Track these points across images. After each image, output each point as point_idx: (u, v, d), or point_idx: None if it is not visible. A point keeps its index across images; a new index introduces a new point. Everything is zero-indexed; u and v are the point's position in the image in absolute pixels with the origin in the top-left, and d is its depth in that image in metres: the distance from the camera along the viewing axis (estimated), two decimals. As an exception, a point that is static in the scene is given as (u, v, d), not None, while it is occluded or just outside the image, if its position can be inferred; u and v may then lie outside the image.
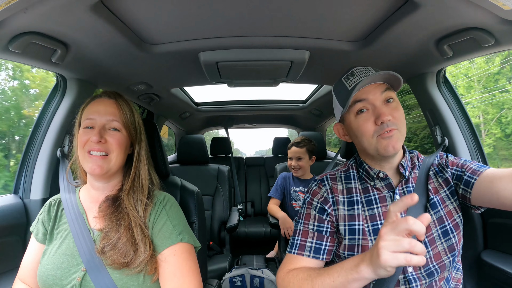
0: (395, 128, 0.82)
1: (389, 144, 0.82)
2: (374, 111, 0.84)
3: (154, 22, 1.06)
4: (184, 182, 1.23)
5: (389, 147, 0.82)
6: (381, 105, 0.84)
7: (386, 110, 0.83)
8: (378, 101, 0.84)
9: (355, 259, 0.70)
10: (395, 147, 0.82)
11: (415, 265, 0.58)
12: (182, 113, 2.89)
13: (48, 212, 0.92)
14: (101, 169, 0.83)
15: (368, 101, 0.85)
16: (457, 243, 0.84)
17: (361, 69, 0.89)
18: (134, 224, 0.81)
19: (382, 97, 0.85)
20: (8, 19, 0.82)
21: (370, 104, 0.85)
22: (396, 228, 0.59)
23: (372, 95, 0.85)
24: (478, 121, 13.55)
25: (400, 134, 0.84)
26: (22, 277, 0.90)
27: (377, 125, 0.83)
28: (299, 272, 0.82)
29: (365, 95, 0.85)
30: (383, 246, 0.59)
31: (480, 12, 0.86)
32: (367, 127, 0.85)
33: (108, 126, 0.86)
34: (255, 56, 1.34)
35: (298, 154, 2.13)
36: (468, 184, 0.83)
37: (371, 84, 0.86)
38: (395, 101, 0.86)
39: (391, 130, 0.82)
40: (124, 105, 0.90)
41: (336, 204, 0.91)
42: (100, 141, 0.83)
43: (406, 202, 0.59)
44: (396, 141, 0.82)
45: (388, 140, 0.82)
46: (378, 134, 0.83)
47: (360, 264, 0.66)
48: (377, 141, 0.84)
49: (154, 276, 0.81)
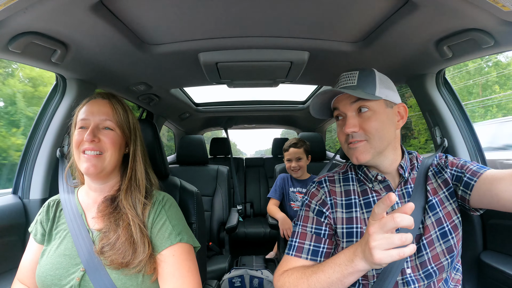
0: (362, 139, 0.84)
1: (353, 154, 0.86)
2: (344, 120, 0.87)
3: (154, 22, 1.06)
4: (183, 182, 1.23)
5: (353, 157, 0.86)
6: (350, 115, 0.85)
7: (353, 121, 0.84)
8: (349, 111, 0.85)
9: (347, 253, 0.71)
10: (358, 159, 0.84)
11: (409, 255, 0.61)
12: (182, 114, 2.89)
13: (47, 213, 0.92)
14: (95, 168, 0.83)
15: (339, 110, 0.88)
16: (456, 245, 0.84)
17: (346, 75, 0.89)
18: (133, 223, 0.81)
19: (352, 107, 0.85)
20: (8, 19, 0.82)
21: (343, 112, 0.87)
22: (385, 227, 0.60)
23: (342, 105, 0.87)
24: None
25: (369, 146, 0.84)
26: (21, 277, 0.90)
27: (345, 134, 0.86)
28: (293, 271, 0.82)
29: (337, 104, 0.88)
30: (375, 246, 0.60)
31: (479, 13, 0.86)
32: (340, 135, 0.90)
33: (101, 125, 0.87)
34: (255, 57, 1.34)
35: (297, 154, 2.15)
36: (467, 186, 0.83)
37: (344, 94, 0.86)
38: (369, 111, 0.84)
39: (357, 141, 0.84)
40: (117, 105, 0.90)
41: (334, 207, 0.91)
42: (93, 140, 0.83)
43: (386, 204, 0.60)
44: (360, 153, 0.84)
45: (353, 151, 0.85)
46: (347, 143, 0.87)
47: (353, 259, 0.68)
48: (348, 150, 0.88)
49: (153, 276, 0.81)
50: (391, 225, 0.59)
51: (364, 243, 0.64)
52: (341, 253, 0.73)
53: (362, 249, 0.65)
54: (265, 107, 3.04)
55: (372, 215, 0.63)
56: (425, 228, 0.84)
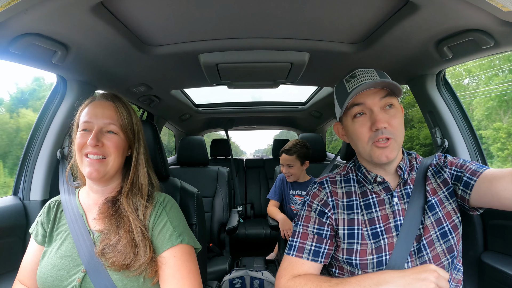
0: (390, 137, 0.81)
1: (382, 154, 0.82)
2: (371, 116, 0.83)
3: (154, 23, 1.07)
4: (184, 183, 1.23)
5: (382, 156, 0.82)
6: (378, 111, 0.82)
7: (383, 117, 0.82)
8: (376, 107, 0.83)
9: (374, 277, 0.72)
10: (388, 157, 0.82)
11: None
12: (182, 115, 2.89)
13: (48, 214, 0.92)
14: (98, 173, 0.83)
15: (366, 105, 0.84)
16: (456, 244, 0.84)
17: (363, 71, 0.87)
18: (134, 226, 0.81)
19: (381, 103, 0.83)
20: (9, 20, 0.82)
21: (368, 108, 0.84)
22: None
23: (370, 99, 0.83)
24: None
25: (396, 144, 0.83)
26: (22, 278, 0.89)
27: (372, 131, 0.82)
28: (307, 282, 0.80)
29: (363, 99, 0.84)
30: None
31: (479, 14, 0.86)
32: (362, 132, 0.84)
33: (105, 129, 0.86)
34: (255, 58, 1.34)
35: (288, 161, 2.08)
36: (467, 186, 0.82)
37: (371, 89, 0.84)
38: (394, 108, 0.84)
39: (387, 139, 0.81)
40: (121, 108, 0.89)
41: (336, 208, 0.91)
42: (97, 145, 0.82)
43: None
44: (390, 151, 0.82)
45: (382, 150, 0.82)
46: (372, 141, 0.83)
47: (381, 283, 0.70)
48: (371, 148, 0.84)
49: (154, 278, 0.81)
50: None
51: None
52: (366, 276, 0.74)
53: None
54: (265, 108, 3.04)
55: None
56: (424, 228, 0.84)
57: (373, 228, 0.86)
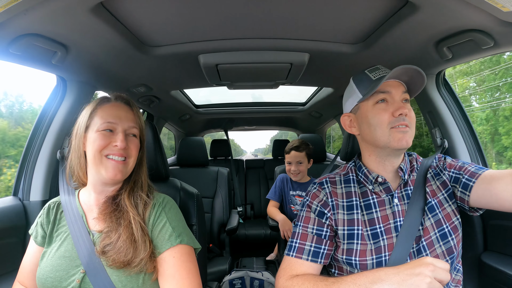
0: (409, 125, 0.85)
1: (403, 138, 0.83)
2: (393, 104, 0.87)
3: (154, 24, 1.07)
4: (184, 184, 1.23)
5: (402, 141, 0.83)
6: (400, 101, 0.87)
7: (405, 106, 0.86)
8: (398, 97, 0.87)
9: (370, 276, 0.71)
10: (408, 142, 0.84)
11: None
12: (182, 115, 2.89)
13: (47, 215, 0.91)
14: (122, 174, 0.85)
15: (391, 94, 0.87)
16: (456, 246, 0.84)
17: (384, 67, 0.93)
18: (134, 221, 0.82)
19: (402, 96, 0.88)
20: (9, 21, 0.82)
21: (391, 97, 0.87)
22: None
23: (395, 90, 0.87)
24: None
25: (412, 133, 0.86)
26: (21, 279, 0.89)
27: (394, 117, 0.84)
28: (304, 281, 0.81)
29: (389, 88, 0.88)
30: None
31: (479, 14, 0.86)
32: (383, 116, 0.86)
33: (128, 131, 0.88)
34: (255, 59, 1.34)
35: (298, 158, 2.10)
36: (466, 187, 0.83)
37: (395, 81, 0.89)
38: (408, 103, 0.89)
39: (406, 125, 0.84)
40: (138, 112, 0.93)
41: (335, 208, 0.91)
42: (125, 147, 0.84)
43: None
44: (409, 137, 0.84)
45: (403, 134, 0.84)
46: (392, 126, 0.84)
47: (377, 282, 0.69)
48: (390, 133, 0.85)
49: (153, 275, 0.81)
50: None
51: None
52: (361, 275, 0.73)
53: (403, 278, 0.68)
54: (265, 108, 3.04)
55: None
56: (424, 229, 0.84)
57: (373, 228, 0.86)
